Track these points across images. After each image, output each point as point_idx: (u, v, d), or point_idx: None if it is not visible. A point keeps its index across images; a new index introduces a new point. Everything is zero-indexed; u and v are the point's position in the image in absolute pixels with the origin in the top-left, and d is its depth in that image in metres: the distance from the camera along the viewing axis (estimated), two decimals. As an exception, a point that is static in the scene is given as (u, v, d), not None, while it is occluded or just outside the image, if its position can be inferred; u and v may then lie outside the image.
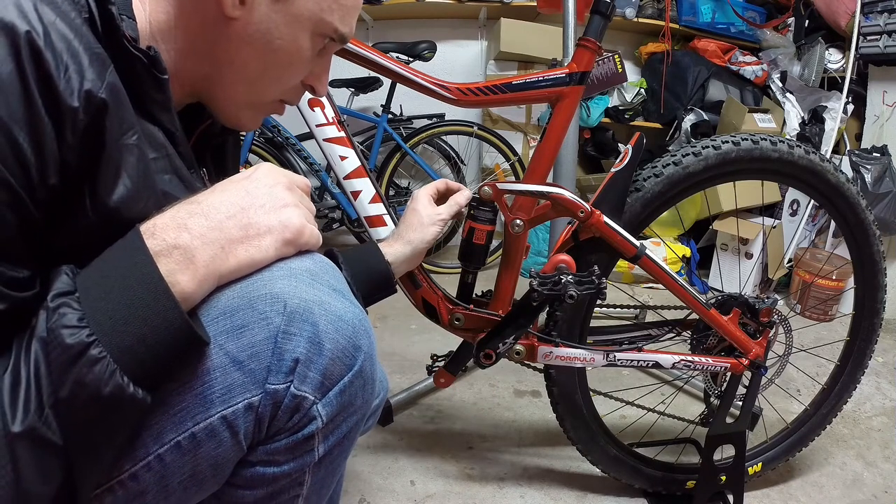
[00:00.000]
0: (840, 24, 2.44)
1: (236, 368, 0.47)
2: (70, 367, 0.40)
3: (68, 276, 0.43)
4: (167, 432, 0.47)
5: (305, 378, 0.48)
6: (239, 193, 0.50)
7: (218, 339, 0.47)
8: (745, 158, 1.01)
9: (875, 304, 1.16)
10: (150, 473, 0.47)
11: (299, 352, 0.47)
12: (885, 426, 1.51)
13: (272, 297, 0.48)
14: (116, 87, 0.46)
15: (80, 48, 0.43)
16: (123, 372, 0.41)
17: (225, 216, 0.48)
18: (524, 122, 2.83)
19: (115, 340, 0.41)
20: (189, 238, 0.45)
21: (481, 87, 0.95)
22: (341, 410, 0.51)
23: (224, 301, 0.48)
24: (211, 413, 0.47)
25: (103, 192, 0.46)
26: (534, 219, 0.98)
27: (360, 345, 0.51)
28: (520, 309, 0.94)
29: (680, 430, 1.26)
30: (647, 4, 2.79)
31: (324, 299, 0.50)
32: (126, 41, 0.48)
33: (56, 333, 0.40)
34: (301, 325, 0.48)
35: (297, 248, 0.52)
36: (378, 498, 1.15)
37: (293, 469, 0.51)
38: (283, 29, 0.56)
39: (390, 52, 2.35)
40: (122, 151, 0.46)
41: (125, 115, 0.47)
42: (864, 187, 2.24)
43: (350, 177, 0.98)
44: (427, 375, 1.12)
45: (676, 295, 1.01)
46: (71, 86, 0.42)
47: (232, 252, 0.47)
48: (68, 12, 0.44)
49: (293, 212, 0.51)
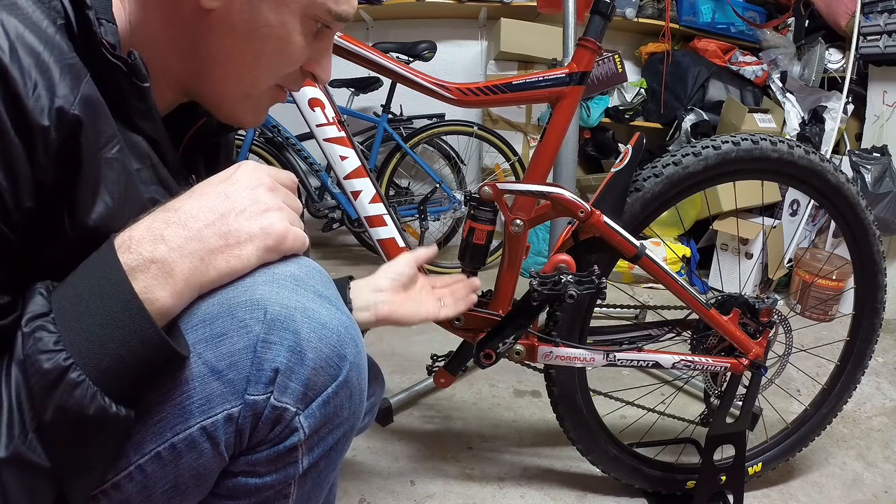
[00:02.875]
0: (840, 24, 2.44)
1: (215, 378, 0.46)
2: (50, 392, 0.39)
3: (42, 297, 0.41)
4: (147, 443, 0.46)
5: (286, 389, 0.46)
6: (218, 198, 0.47)
7: (197, 347, 0.46)
8: (745, 158, 1.01)
9: (875, 304, 1.16)
10: (132, 483, 0.47)
11: (279, 361, 0.46)
12: (885, 426, 1.51)
13: (252, 303, 0.46)
14: (92, 99, 0.44)
15: (51, 61, 0.42)
16: (104, 393, 0.40)
17: (203, 224, 0.46)
18: (524, 122, 2.83)
19: (93, 363, 0.40)
20: (166, 251, 0.43)
21: (481, 87, 0.95)
22: (326, 422, 0.49)
23: (204, 308, 0.46)
24: (190, 424, 0.46)
25: (82, 211, 0.44)
26: (534, 219, 0.98)
27: (345, 354, 0.49)
28: (520, 309, 0.94)
29: (680, 430, 1.25)
30: (647, 4, 2.79)
31: (307, 306, 0.48)
32: (104, 48, 0.46)
33: (34, 359, 0.39)
34: (282, 334, 0.46)
35: (280, 255, 0.50)
36: (378, 498, 1.15)
37: (276, 481, 0.50)
38: (268, 15, 0.52)
39: (390, 52, 2.35)
40: (100, 167, 0.45)
41: (103, 127, 0.45)
42: (864, 187, 2.24)
43: (350, 177, 0.98)
44: (427, 375, 1.12)
45: (676, 295, 1.01)
46: (41, 104, 0.40)
47: (212, 263, 0.46)
48: (39, 21, 0.42)
49: (275, 216, 0.49)
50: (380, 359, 0.56)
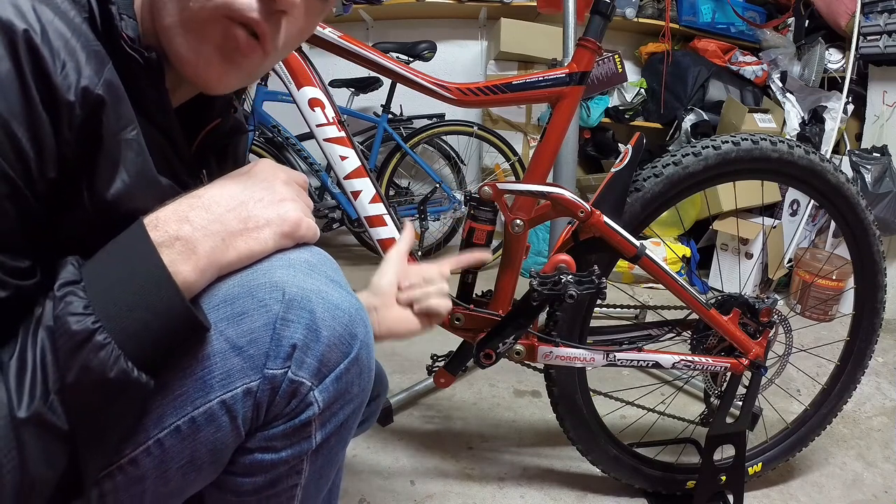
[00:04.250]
0: (840, 24, 2.44)
1: (236, 354, 0.48)
2: (76, 353, 0.41)
3: (74, 267, 0.44)
4: (167, 416, 0.48)
5: (303, 364, 0.49)
6: (238, 188, 0.51)
7: (218, 325, 0.48)
8: (745, 158, 1.01)
9: (875, 304, 1.16)
10: (150, 458, 0.48)
11: (297, 338, 0.48)
12: (885, 426, 1.51)
13: (271, 285, 0.49)
14: (114, 83, 0.46)
15: (78, 45, 0.44)
16: (128, 357, 0.42)
17: (225, 209, 0.49)
18: (524, 122, 2.83)
19: (119, 326, 0.42)
20: (191, 230, 0.46)
21: (481, 87, 0.95)
22: (338, 397, 0.52)
23: (225, 290, 0.49)
24: (210, 398, 0.48)
25: (101, 186, 0.46)
26: (534, 219, 0.98)
27: (356, 333, 0.52)
28: (520, 309, 0.94)
29: (680, 430, 1.25)
30: (647, 4, 2.79)
31: (321, 288, 0.51)
32: (123, 40, 0.48)
33: (63, 321, 0.41)
34: (299, 313, 0.49)
35: (294, 241, 0.53)
36: (378, 498, 1.15)
37: (291, 456, 0.51)
38: None
39: (390, 52, 2.35)
40: (120, 146, 0.47)
41: (123, 110, 0.47)
42: (864, 187, 2.24)
43: (350, 177, 0.98)
44: (427, 375, 1.12)
45: (676, 295, 1.01)
46: (68, 81, 0.43)
47: (232, 244, 0.48)
48: (67, 11, 0.45)
49: (291, 205, 0.52)
50: (380, 359, 0.57)
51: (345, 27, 2.61)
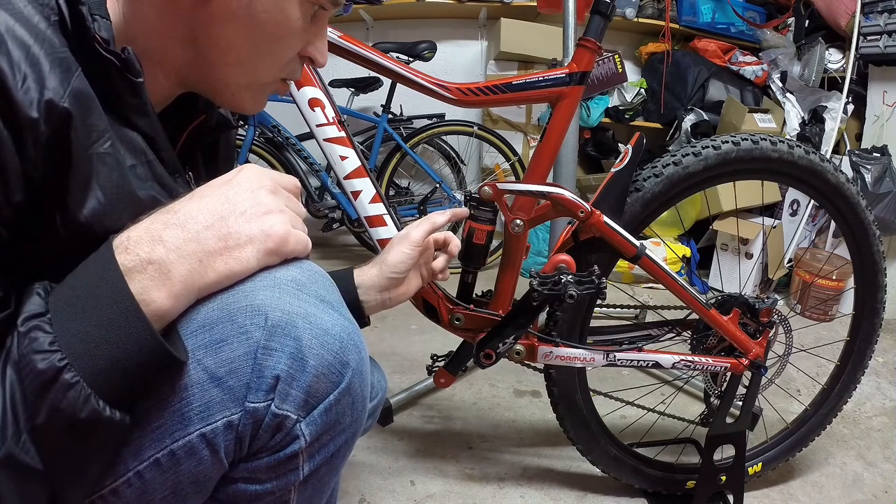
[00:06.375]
0: (840, 24, 2.44)
1: (215, 385, 0.45)
2: (44, 393, 0.38)
3: (40, 297, 0.41)
4: (145, 449, 0.46)
5: (287, 396, 0.46)
6: (218, 200, 0.47)
7: (196, 353, 0.45)
8: (745, 158, 1.01)
9: (875, 304, 1.16)
10: (131, 489, 0.46)
11: (280, 368, 0.45)
12: (885, 426, 1.51)
13: (253, 309, 0.46)
14: (83, 93, 0.44)
15: (41, 54, 0.41)
16: (98, 395, 0.40)
17: (203, 226, 0.45)
18: (524, 122, 2.83)
19: (87, 364, 0.39)
20: (164, 252, 0.43)
21: (481, 87, 0.95)
22: (327, 429, 0.49)
23: (204, 313, 0.46)
24: (189, 430, 0.45)
25: (73, 206, 0.44)
26: (534, 219, 0.98)
27: (347, 360, 0.48)
28: (520, 309, 0.94)
29: (680, 430, 1.25)
30: (647, 4, 2.79)
31: (309, 311, 0.47)
32: (97, 44, 0.45)
33: (28, 359, 0.38)
34: (283, 340, 0.45)
35: (281, 258, 0.49)
36: (378, 498, 1.15)
37: (276, 487, 0.49)
38: (266, 1, 0.52)
39: (390, 52, 2.35)
40: (92, 162, 0.44)
41: (94, 121, 0.45)
42: (864, 187, 2.24)
43: (350, 177, 0.98)
44: (427, 375, 1.12)
45: (676, 295, 1.01)
46: (30, 96, 0.40)
47: (210, 265, 0.45)
48: (30, 17, 0.42)
49: (276, 218, 0.48)
50: (380, 359, 0.56)
51: (345, 27, 2.62)
